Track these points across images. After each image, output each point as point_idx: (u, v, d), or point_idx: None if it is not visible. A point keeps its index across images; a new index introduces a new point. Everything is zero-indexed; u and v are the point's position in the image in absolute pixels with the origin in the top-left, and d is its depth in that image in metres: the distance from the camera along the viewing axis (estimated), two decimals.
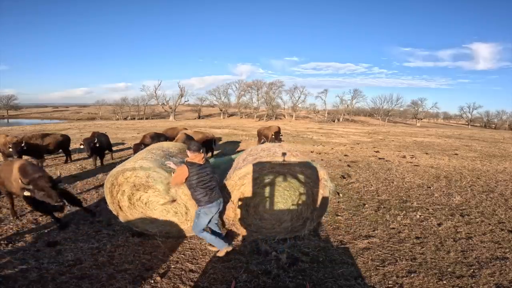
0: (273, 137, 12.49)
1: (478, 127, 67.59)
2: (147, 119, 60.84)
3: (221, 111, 65.98)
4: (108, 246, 4.29)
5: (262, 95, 64.14)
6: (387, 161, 12.01)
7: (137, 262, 3.91)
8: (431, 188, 7.95)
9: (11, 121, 55.86)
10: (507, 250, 4.49)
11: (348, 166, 10.58)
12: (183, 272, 3.75)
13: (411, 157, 13.24)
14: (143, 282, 3.50)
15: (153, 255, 4.09)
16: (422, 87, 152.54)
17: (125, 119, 61.86)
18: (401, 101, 67.42)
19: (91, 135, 9.77)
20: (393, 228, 5.23)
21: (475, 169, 10.88)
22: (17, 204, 5.80)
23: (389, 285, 3.58)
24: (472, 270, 3.91)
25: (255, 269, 3.82)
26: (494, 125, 74.04)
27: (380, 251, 4.38)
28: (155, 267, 3.82)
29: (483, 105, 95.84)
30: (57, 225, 4.81)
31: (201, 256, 4.14)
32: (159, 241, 4.47)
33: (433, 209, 6.24)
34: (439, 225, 5.40)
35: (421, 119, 70.23)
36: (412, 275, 3.76)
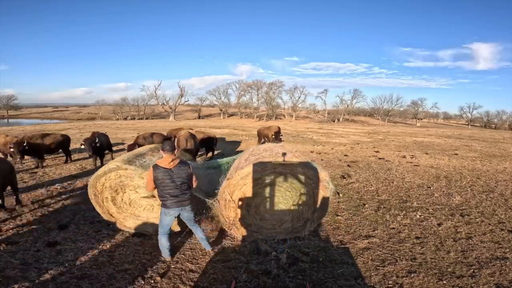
0: (273, 137, 12.50)
1: (478, 127, 67.58)
2: (147, 119, 60.84)
3: (221, 111, 65.97)
4: (108, 246, 4.29)
5: (262, 95, 64.18)
6: (387, 161, 12.01)
7: (137, 262, 3.91)
8: (431, 188, 7.95)
9: (11, 121, 55.87)
10: (507, 250, 4.49)
11: (348, 166, 10.58)
12: (183, 272, 3.75)
13: (411, 157, 13.24)
14: (143, 282, 3.50)
15: (153, 255, 4.09)
16: (422, 87, 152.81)
17: (125, 119, 61.86)
18: (401, 101, 67.58)
19: (91, 135, 9.77)
20: (393, 228, 5.23)
21: (475, 169, 10.88)
22: (16, 203, 5.81)
23: (389, 285, 3.58)
24: (472, 270, 3.91)
25: (255, 269, 3.82)
26: (494, 125, 74.04)
27: (380, 251, 4.38)
28: (155, 267, 3.82)
29: (483, 105, 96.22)
30: None
31: (201, 256, 4.14)
32: None
33: (433, 209, 6.24)
34: (439, 225, 5.40)
35: (421, 119, 70.22)
36: (412, 275, 3.76)
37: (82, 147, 8.89)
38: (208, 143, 11.43)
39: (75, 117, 68.29)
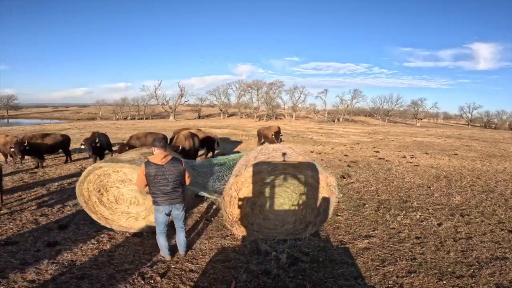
0: (273, 137, 12.48)
1: (478, 127, 67.59)
2: (147, 119, 60.85)
3: (221, 111, 65.97)
4: (108, 246, 4.29)
5: (262, 95, 64.15)
6: (387, 161, 12.01)
7: (137, 262, 3.91)
8: (431, 188, 7.95)
9: (11, 121, 55.89)
10: (507, 250, 4.49)
11: (348, 166, 10.59)
12: (183, 272, 3.75)
13: (411, 157, 13.25)
14: (143, 282, 3.50)
15: (153, 255, 4.09)
16: (422, 87, 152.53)
17: (125, 119, 61.86)
18: (401, 101, 67.55)
19: (91, 135, 9.77)
20: (393, 228, 5.23)
21: (475, 169, 10.88)
22: (16, 203, 5.81)
23: (389, 285, 3.58)
24: (472, 270, 3.90)
25: (255, 269, 3.82)
26: (494, 125, 74.03)
27: (380, 251, 4.38)
28: (155, 267, 3.82)
29: (483, 105, 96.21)
30: None
31: (201, 256, 4.14)
32: None
33: (433, 209, 6.24)
34: (439, 225, 5.40)
35: (421, 119, 70.22)
36: (412, 275, 3.76)
37: (82, 147, 8.89)
38: (209, 144, 11.44)
39: (75, 117, 68.30)
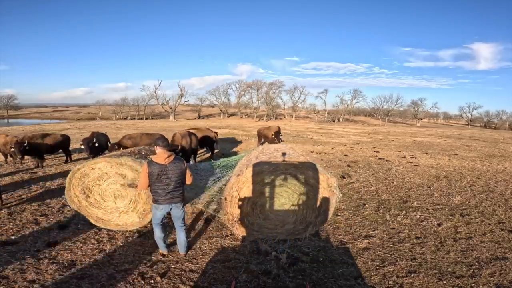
0: (273, 137, 12.47)
1: (478, 127, 67.59)
2: (147, 119, 60.85)
3: (221, 111, 65.97)
4: (108, 246, 4.29)
5: (262, 95, 64.18)
6: (387, 161, 12.01)
7: (137, 262, 3.91)
8: (431, 188, 7.95)
9: (11, 121, 55.89)
10: (507, 250, 4.49)
11: (348, 166, 10.59)
12: (183, 272, 3.75)
13: (411, 157, 13.24)
14: (143, 282, 3.50)
15: (153, 255, 4.09)
16: (422, 87, 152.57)
17: (125, 119, 61.86)
18: (401, 101, 67.58)
19: (90, 135, 9.77)
20: (393, 228, 5.23)
21: (475, 169, 10.88)
22: (16, 203, 5.81)
23: (389, 285, 3.58)
24: (472, 270, 3.90)
25: (255, 269, 3.82)
26: (494, 125, 74.04)
27: (380, 251, 4.38)
28: (155, 267, 3.82)
29: (483, 105, 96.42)
30: None
31: (201, 256, 4.14)
32: None
33: (433, 209, 6.24)
34: (439, 225, 5.40)
35: (421, 119, 70.21)
36: (412, 275, 3.76)
37: (82, 147, 8.91)
38: (209, 144, 11.45)
39: (75, 117, 68.30)
